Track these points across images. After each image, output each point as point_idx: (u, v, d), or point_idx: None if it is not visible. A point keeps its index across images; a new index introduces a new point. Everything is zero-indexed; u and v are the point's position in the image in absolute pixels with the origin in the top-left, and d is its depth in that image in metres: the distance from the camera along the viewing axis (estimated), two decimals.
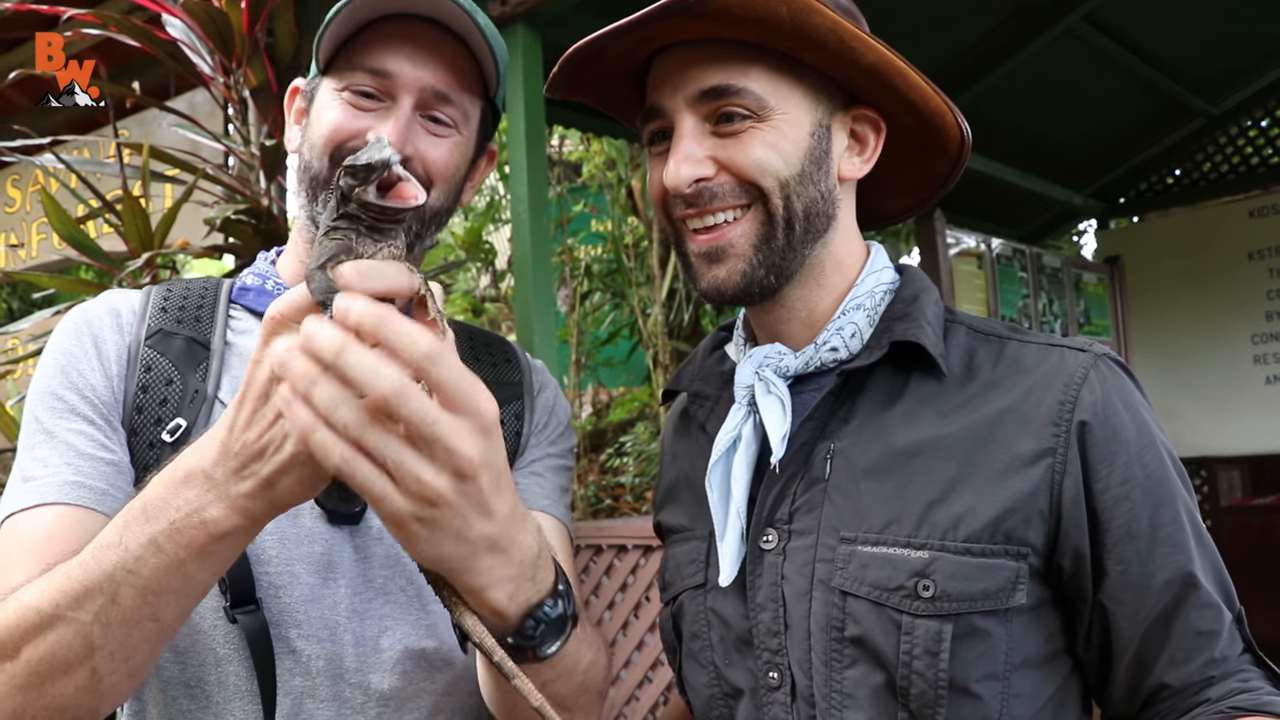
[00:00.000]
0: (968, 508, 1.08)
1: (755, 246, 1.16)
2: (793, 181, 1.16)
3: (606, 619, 3.49)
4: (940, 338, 1.18)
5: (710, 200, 1.16)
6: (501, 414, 1.43)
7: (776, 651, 1.15)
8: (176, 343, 1.30)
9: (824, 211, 1.19)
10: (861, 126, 1.23)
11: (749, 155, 1.14)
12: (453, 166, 1.34)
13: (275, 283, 1.37)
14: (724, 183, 1.16)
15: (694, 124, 1.17)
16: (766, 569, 1.17)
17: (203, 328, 1.32)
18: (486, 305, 9.54)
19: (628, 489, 7.92)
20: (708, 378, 1.35)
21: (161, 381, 1.27)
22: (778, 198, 1.15)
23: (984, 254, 5.35)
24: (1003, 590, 1.06)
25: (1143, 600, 1.08)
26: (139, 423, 1.25)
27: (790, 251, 1.18)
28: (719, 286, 1.18)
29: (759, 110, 1.15)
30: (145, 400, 1.25)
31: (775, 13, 1.09)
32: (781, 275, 1.19)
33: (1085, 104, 6.16)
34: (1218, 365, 6.30)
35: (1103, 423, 1.09)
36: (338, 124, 1.29)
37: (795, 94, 1.17)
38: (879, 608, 1.08)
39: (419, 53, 1.28)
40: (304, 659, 1.23)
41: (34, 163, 3.19)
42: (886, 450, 1.14)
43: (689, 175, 1.15)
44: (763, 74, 1.15)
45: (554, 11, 3.77)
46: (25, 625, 0.97)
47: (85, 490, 1.17)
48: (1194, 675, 1.08)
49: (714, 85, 1.15)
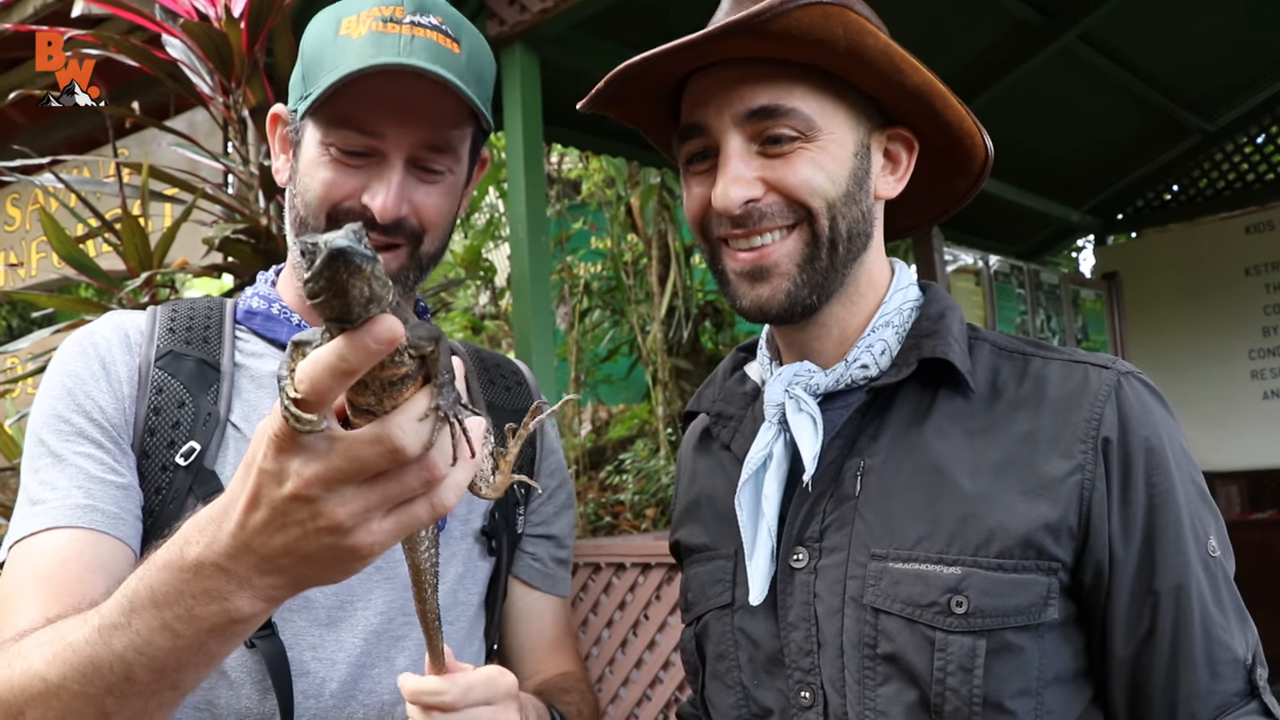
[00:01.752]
0: (999, 524, 1.08)
1: (800, 266, 1.17)
2: (839, 202, 1.16)
3: (605, 637, 3.49)
4: (967, 355, 1.19)
5: (759, 220, 1.16)
6: None
7: (809, 671, 1.15)
8: (187, 364, 1.28)
9: (864, 231, 1.20)
10: (895, 146, 1.24)
11: (799, 175, 1.14)
12: (445, 209, 1.34)
13: (280, 307, 1.36)
14: (772, 203, 1.15)
15: (741, 144, 1.16)
16: (798, 587, 1.17)
17: (211, 349, 1.31)
18: (486, 323, 9.54)
19: (627, 506, 7.90)
20: (730, 398, 1.35)
21: (174, 404, 1.25)
22: (825, 218, 1.15)
23: (981, 271, 5.36)
24: (1035, 605, 1.07)
25: (1135, 619, 1.08)
26: (151, 445, 1.23)
27: (833, 271, 1.18)
28: (762, 305, 1.18)
29: (807, 131, 1.15)
30: (157, 422, 1.24)
31: (833, 34, 1.09)
32: (823, 294, 1.19)
33: (1082, 121, 6.18)
34: (1215, 381, 6.31)
35: (1123, 440, 1.09)
36: (331, 184, 1.27)
37: (840, 114, 1.17)
38: (912, 624, 1.08)
39: (409, 110, 1.26)
40: (318, 681, 1.22)
41: (33, 182, 3.19)
42: (916, 467, 1.14)
43: (740, 196, 1.15)
44: (809, 94, 1.15)
45: (552, 31, 3.79)
46: (30, 691, 0.95)
47: (97, 514, 1.16)
48: (1180, 709, 1.07)
49: (763, 105, 1.14)
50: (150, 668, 0.90)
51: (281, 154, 1.38)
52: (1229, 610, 1.10)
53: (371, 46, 1.23)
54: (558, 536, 1.53)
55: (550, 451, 1.54)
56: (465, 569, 1.37)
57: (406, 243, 1.30)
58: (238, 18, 2.79)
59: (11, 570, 1.14)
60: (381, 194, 1.26)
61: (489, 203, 8.88)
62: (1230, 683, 1.08)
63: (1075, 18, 5.07)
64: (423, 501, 0.81)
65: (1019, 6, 4.95)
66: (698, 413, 1.40)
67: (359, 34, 1.25)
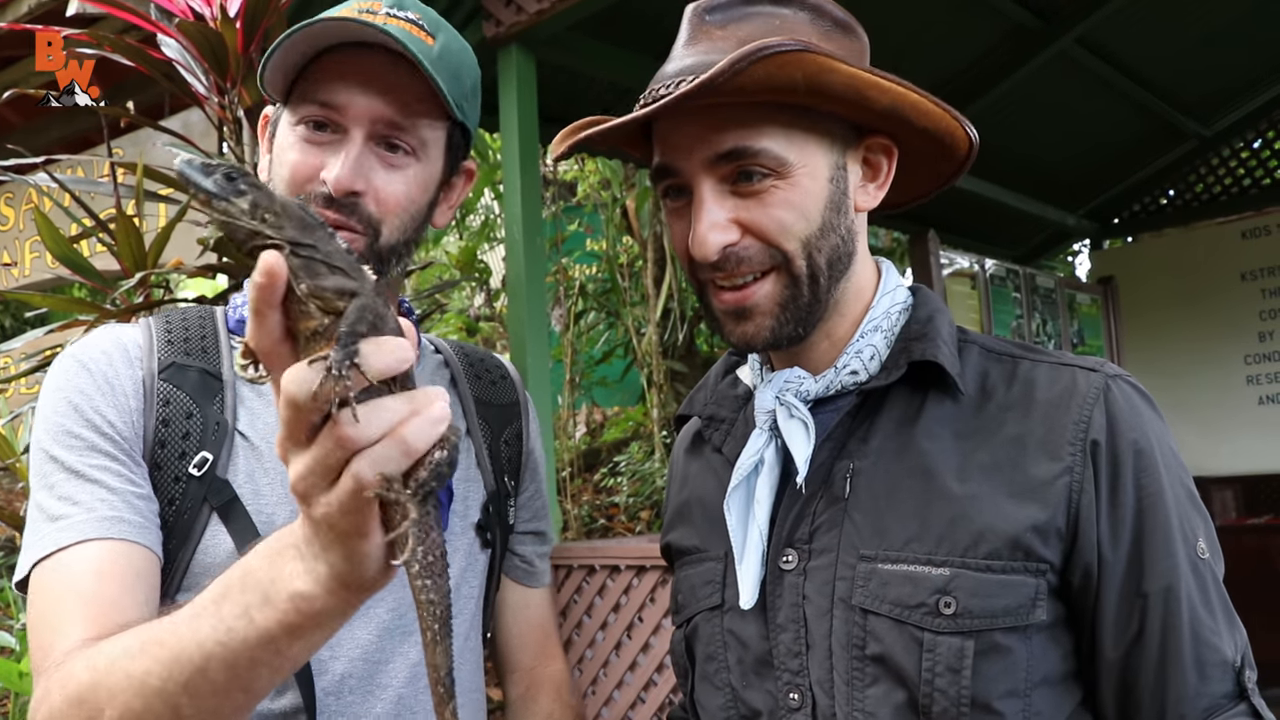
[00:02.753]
0: (988, 525, 1.08)
1: (781, 305, 1.17)
2: (814, 238, 1.15)
3: (599, 639, 3.48)
4: (956, 357, 1.19)
5: (738, 264, 1.15)
6: (505, 434, 1.50)
7: (798, 672, 1.15)
8: (191, 375, 1.28)
9: (846, 252, 1.20)
10: (875, 155, 1.23)
11: (771, 218, 1.14)
12: (408, 199, 1.31)
13: None
14: (749, 246, 1.15)
15: (713, 186, 1.15)
16: (787, 589, 1.17)
17: (211, 359, 1.31)
18: (481, 324, 9.54)
19: (621, 509, 7.90)
20: (722, 401, 1.36)
21: (182, 415, 1.25)
22: (800, 259, 1.15)
23: (977, 275, 5.36)
24: (1023, 606, 1.07)
25: (1123, 621, 1.09)
26: (162, 457, 1.23)
27: (816, 303, 1.18)
28: (748, 341, 1.19)
29: (778, 168, 1.14)
30: (167, 434, 1.24)
31: (792, 80, 1.08)
32: (809, 324, 1.19)
33: (1078, 126, 6.19)
34: (1211, 386, 6.32)
35: (1111, 443, 1.10)
36: (295, 165, 1.27)
37: (811, 143, 1.16)
38: (900, 625, 1.09)
39: (369, 82, 1.26)
40: (336, 678, 1.25)
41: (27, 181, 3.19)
42: (906, 469, 1.15)
43: (717, 243, 1.14)
44: (777, 131, 1.14)
45: (547, 33, 3.78)
46: (115, 688, 0.95)
47: (125, 524, 1.16)
48: (1168, 711, 1.08)
49: (731, 148, 1.13)
50: (225, 661, 0.91)
51: (266, 154, 1.38)
52: (1218, 612, 1.11)
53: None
54: (544, 533, 1.59)
55: (532, 450, 1.57)
56: (467, 563, 1.39)
57: (364, 232, 1.28)
58: (233, 17, 2.78)
59: (44, 588, 1.13)
60: (336, 166, 1.25)
61: (484, 204, 8.88)
62: (1218, 684, 1.08)
63: (1072, 22, 5.08)
64: (346, 472, 0.79)
65: (1016, 10, 4.95)
66: (690, 416, 1.40)
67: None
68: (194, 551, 1.21)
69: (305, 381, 0.77)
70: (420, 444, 0.80)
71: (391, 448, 0.79)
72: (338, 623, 0.92)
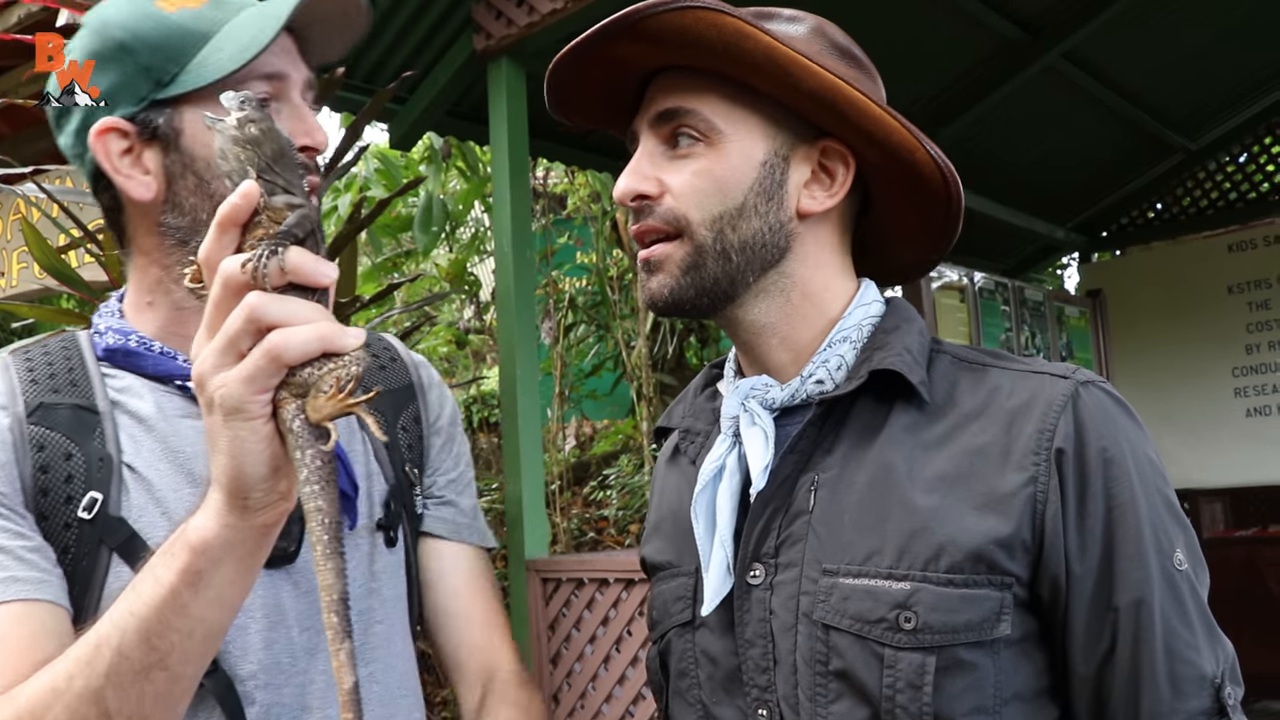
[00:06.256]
0: (949, 538, 1.06)
1: (683, 270, 1.18)
2: (729, 215, 1.16)
3: (588, 653, 3.47)
4: (921, 366, 1.17)
5: (645, 218, 1.18)
6: (400, 420, 1.42)
7: (765, 689, 1.13)
8: (62, 413, 1.19)
9: (772, 243, 1.18)
10: (830, 161, 1.21)
11: (686, 182, 1.16)
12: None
13: (139, 339, 1.27)
14: (657, 207, 1.18)
15: (653, 145, 1.19)
16: (754, 604, 1.15)
17: (82, 392, 1.22)
18: (470, 337, 9.53)
19: (611, 522, 7.89)
20: (698, 414, 1.34)
21: (60, 457, 1.17)
22: (705, 229, 1.16)
23: (966, 288, 5.37)
24: (986, 621, 1.04)
25: (1094, 636, 1.06)
26: (46, 506, 1.15)
27: (725, 278, 1.18)
28: (651, 297, 1.20)
29: (708, 133, 1.15)
30: (48, 481, 1.16)
31: (706, 36, 1.11)
32: (716, 298, 1.19)
33: (1066, 140, 6.23)
34: (1199, 398, 6.34)
35: (1078, 451, 1.07)
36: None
37: (750, 121, 1.17)
38: (861, 640, 1.07)
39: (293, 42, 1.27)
40: (263, 706, 1.20)
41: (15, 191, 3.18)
42: (869, 481, 1.13)
43: (627, 187, 1.18)
44: (717, 100, 1.16)
45: (536, 46, 3.79)
46: (38, 708, 0.95)
47: (19, 584, 1.09)
48: None
49: (667, 108, 1.17)
50: (140, 633, 0.93)
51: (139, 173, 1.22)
52: (1196, 626, 1.07)
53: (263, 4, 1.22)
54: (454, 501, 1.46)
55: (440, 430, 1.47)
56: (380, 565, 1.34)
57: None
58: None
59: None
60: (315, 129, 1.25)
61: (474, 217, 8.87)
62: (1194, 700, 1.05)
63: (1059, 36, 5.11)
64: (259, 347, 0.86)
65: (1003, 24, 4.98)
66: (670, 429, 1.40)
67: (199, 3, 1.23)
68: (99, 596, 1.14)
69: (238, 258, 0.88)
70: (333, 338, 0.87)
71: (307, 332, 0.86)
72: (233, 564, 0.94)
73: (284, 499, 0.94)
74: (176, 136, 1.21)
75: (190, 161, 1.21)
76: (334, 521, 0.90)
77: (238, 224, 0.90)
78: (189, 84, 1.20)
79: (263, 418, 0.88)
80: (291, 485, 0.93)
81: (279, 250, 0.88)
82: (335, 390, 0.88)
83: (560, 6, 3.60)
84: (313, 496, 0.89)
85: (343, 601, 0.89)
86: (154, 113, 1.21)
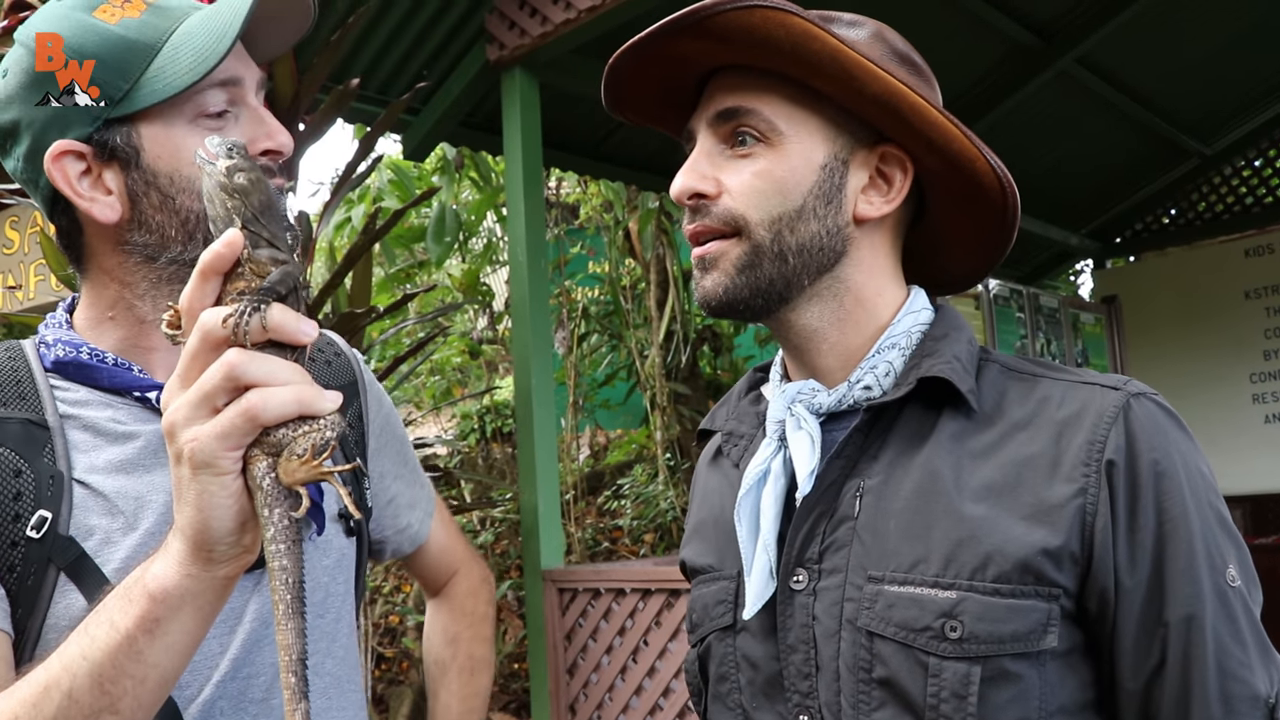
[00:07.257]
0: (997, 547, 1.05)
1: (738, 269, 1.17)
2: (788, 216, 1.15)
3: (605, 663, 3.46)
4: (970, 374, 1.16)
5: (702, 217, 1.17)
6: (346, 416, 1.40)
7: (807, 694, 1.13)
8: (11, 428, 1.16)
9: (829, 247, 1.18)
10: (889, 166, 1.20)
11: (746, 182, 1.15)
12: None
13: (90, 350, 1.23)
14: (715, 206, 1.16)
15: (711, 144, 1.18)
16: (797, 610, 1.15)
17: (30, 405, 1.18)
18: (484, 347, 9.54)
19: (625, 532, 7.88)
20: (743, 417, 1.34)
21: (9, 474, 1.13)
22: (764, 230, 1.15)
23: (981, 294, 5.36)
24: (1033, 632, 1.04)
25: (1143, 651, 1.05)
26: None
27: (781, 280, 1.17)
28: (705, 296, 1.19)
29: (768, 134, 1.15)
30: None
31: (774, 36, 1.10)
32: (771, 299, 1.18)
33: (1080, 145, 6.21)
34: (1217, 404, 6.31)
35: (1130, 463, 1.06)
36: None
37: (811, 123, 1.16)
38: (906, 649, 1.06)
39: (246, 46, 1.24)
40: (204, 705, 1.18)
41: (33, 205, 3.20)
42: (915, 488, 1.12)
43: (686, 186, 1.17)
44: (779, 100, 1.15)
45: (549, 56, 3.80)
46: None
47: None
48: None
49: (728, 107, 1.16)
50: (92, 677, 0.92)
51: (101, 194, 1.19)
52: (1250, 644, 1.06)
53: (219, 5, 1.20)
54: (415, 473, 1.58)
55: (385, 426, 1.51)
56: (338, 559, 1.33)
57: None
58: None
59: None
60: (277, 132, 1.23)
61: (487, 227, 8.89)
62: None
63: (1073, 41, 5.10)
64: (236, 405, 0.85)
65: (1017, 30, 4.97)
66: (712, 431, 1.39)
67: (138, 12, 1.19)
68: (44, 617, 1.12)
69: (219, 311, 0.86)
70: (310, 402, 0.87)
71: (285, 394, 0.85)
72: (192, 614, 0.93)
73: (248, 552, 0.92)
74: (136, 155, 1.18)
75: (153, 178, 1.18)
76: (297, 581, 0.89)
77: (220, 273, 0.89)
78: (144, 100, 1.16)
79: (233, 474, 0.87)
80: (256, 539, 0.92)
81: (261, 307, 0.87)
82: (310, 455, 0.87)
83: (573, 16, 3.60)
84: (277, 555, 0.88)
85: (301, 662, 0.88)
86: (109, 132, 1.16)
